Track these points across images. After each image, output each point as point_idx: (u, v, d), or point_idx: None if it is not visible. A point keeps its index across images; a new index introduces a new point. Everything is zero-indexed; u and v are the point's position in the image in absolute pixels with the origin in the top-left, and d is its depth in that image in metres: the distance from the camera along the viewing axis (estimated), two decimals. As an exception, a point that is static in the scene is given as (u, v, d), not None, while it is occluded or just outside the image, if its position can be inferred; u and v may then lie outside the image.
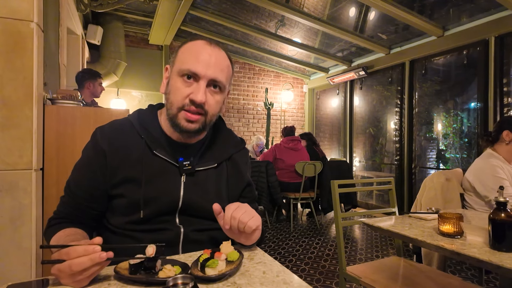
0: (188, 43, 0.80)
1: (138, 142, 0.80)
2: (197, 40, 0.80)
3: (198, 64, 0.75)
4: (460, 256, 0.93)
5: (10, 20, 1.40)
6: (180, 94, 0.76)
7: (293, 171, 3.81)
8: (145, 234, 0.77)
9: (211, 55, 0.77)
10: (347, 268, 1.52)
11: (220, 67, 0.78)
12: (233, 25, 4.45)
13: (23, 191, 1.42)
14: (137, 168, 0.78)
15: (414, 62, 4.19)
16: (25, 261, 1.42)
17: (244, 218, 0.71)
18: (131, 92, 5.07)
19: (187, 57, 0.77)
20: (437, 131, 4.18)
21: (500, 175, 1.78)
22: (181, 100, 0.76)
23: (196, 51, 0.77)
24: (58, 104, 1.73)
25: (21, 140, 1.42)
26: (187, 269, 0.65)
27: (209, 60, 0.76)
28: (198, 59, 0.75)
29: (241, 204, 0.74)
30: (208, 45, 0.78)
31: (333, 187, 1.59)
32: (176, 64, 0.78)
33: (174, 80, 0.78)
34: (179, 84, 0.76)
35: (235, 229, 0.72)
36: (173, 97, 0.77)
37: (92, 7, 3.48)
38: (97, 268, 0.59)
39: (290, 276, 0.65)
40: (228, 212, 0.72)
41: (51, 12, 2.09)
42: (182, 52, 0.79)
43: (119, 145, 0.79)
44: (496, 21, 3.22)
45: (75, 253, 0.57)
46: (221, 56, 0.79)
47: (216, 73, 0.76)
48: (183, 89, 0.76)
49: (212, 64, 0.76)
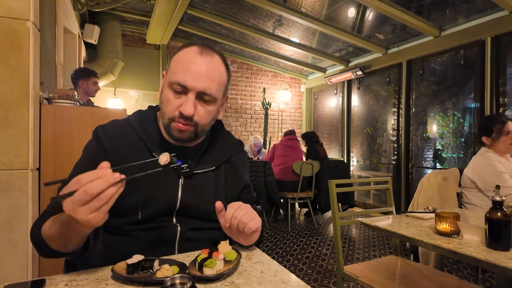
0: (181, 51, 0.78)
1: (138, 143, 0.81)
2: (190, 47, 0.78)
3: (187, 76, 0.74)
4: (457, 255, 0.93)
5: (6, 19, 1.39)
6: (171, 106, 0.76)
7: (290, 169, 3.82)
8: (142, 232, 0.77)
9: (201, 65, 0.75)
10: (345, 268, 1.52)
11: (211, 77, 0.76)
12: (230, 24, 4.45)
13: (19, 191, 1.41)
14: (136, 170, 0.77)
15: (411, 62, 4.21)
16: (21, 261, 1.41)
17: (245, 218, 0.71)
18: (128, 91, 5.05)
19: (177, 68, 0.76)
20: (434, 131, 4.20)
21: (499, 168, 1.83)
22: (171, 112, 0.76)
23: (187, 61, 0.75)
24: (55, 103, 1.72)
25: (17, 140, 1.41)
26: (184, 269, 0.65)
27: (199, 71, 0.74)
28: (188, 71, 0.74)
29: (243, 204, 0.75)
30: (199, 55, 0.76)
31: (331, 186, 1.59)
32: (168, 73, 0.78)
33: (166, 90, 0.77)
34: (170, 96, 0.76)
35: (234, 228, 0.72)
36: (164, 108, 0.78)
37: (89, 6, 3.46)
38: (113, 190, 0.55)
39: (288, 276, 0.65)
40: (230, 210, 0.72)
41: (47, 11, 2.08)
42: (174, 61, 0.78)
43: (119, 144, 0.80)
44: (493, 21, 3.24)
45: (86, 179, 0.53)
46: (213, 65, 0.77)
47: (205, 85, 0.75)
48: (173, 101, 0.76)
49: (203, 75, 0.74)
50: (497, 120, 1.97)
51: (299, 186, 3.75)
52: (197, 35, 5.08)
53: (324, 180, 3.90)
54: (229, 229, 0.74)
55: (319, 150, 4.18)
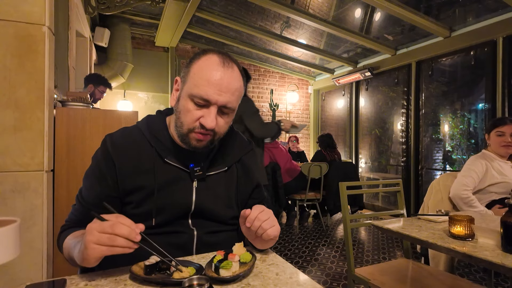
0: (201, 59, 0.76)
1: (149, 150, 0.81)
2: (209, 56, 0.76)
3: (209, 90, 0.73)
4: (472, 258, 0.92)
5: (22, 24, 1.42)
6: (191, 117, 0.75)
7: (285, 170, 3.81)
8: (159, 236, 0.77)
9: (223, 79, 0.74)
10: (356, 270, 1.52)
11: (232, 91, 0.75)
12: (238, 26, 4.46)
13: (35, 192, 1.44)
14: (149, 177, 0.78)
15: (421, 63, 4.17)
16: (36, 261, 1.44)
17: (265, 225, 0.72)
18: (137, 93, 5.10)
19: (199, 81, 0.74)
20: (444, 132, 4.15)
21: (474, 168, 1.90)
22: (192, 123, 0.75)
23: (209, 74, 0.74)
24: (68, 106, 1.75)
25: (33, 142, 1.44)
26: (201, 271, 0.66)
27: (221, 84, 0.74)
28: (210, 84, 0.73)
29: (266, 209, 0.75)
30: (221, 67, 0.75)
31: (342, 189, 1.59)
32: (187, 83, 0.76)
33: (185, 100, 0.76)
34: (190, 107, 0.75)
35: (253, 231, 0.73)
36: (183, 118, 0.77)
37: (99, 10, 3.52)
38: (125, 243, 0.60)
39: (303, 278, 0.66)
40: (255, 212, 0.73)
41: (61, 16, 2.12)
42: (194, 72, 0.75)
43: (129, 153, 0.79)
44: (504, 21, 3.19)
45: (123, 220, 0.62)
46: (233, 78, 0.76)
47: (227, 98, 0.75)
48: (194, 112, 0.75)
49: (224, 89, 0.74)
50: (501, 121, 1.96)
51: (307, 188, 3.74)
52: (206, 37, 5.12)
53: (333, 181, 3.88)
54: (248, 230, 0.74)
55: (326, 154, 4.13)
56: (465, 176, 1.89)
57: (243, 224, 0.75)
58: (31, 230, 1.43)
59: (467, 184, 1.86)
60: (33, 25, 1.44)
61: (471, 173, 1.89)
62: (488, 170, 1.90)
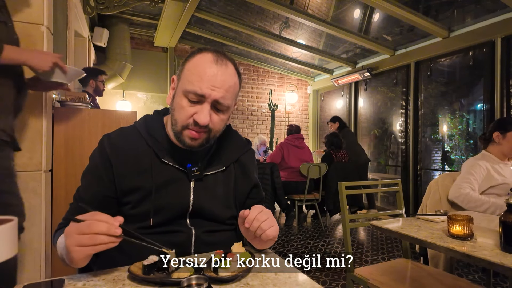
0: (195, 57, 0.77)
1: (146, 150, 0.80)
2: (204, 54, 0.77)
3: (203, 85, 0.73)
4: (471, 258, 0.92)
5: (21, 23, 1.42)
6: (184, 114, 0.75)
7: (297, 170, 3.80)
8: (157, 236, 0.77)
9: (216, 75, 0.74)
10: (355, 270, 1.51)
11: (226, 87, 0.75)
12: (237, 27, 4.47)
13: (33, 192, 1.44)
14: (146, 177, 0.78)
15: (419, 63, 4.18)
16: (34, 262, 1.44)
17: (264, 225, 0.71)
18: (136, 94, 5.10)
19: (192, 77, 0.74)
20: (443, 132, 4.16)
21: (474, 170, 1.83)
22: (185, 120, 0.75)
23: (202, 70, 0.74)
24: (67, 106, 1.74)
25: (31, 142, 1.43)
26: (200, 270, 0.65)
27: (215, 80, 0.74)
28: (203, 80, 0.73)
29: (265, 209, 0.75)
30: (214, 63, 0.75)
31: (341, 189, 1.59)
32: (181, 80, 0.77)
33: (180, 97, 0.76)
34: (184, 103, 0.75)
35: (252, 231, 0.72)
36: (177, 115, 0.77)
37: (98, 10, 3.52)
38: (106, 239, 0.60)
39: (302, 278, 0.66)
40: (254, 212, 0.72)
41: (60, 15, 2.11)
42: (188, 69, 0.76)
43: (126, 153, 0.79)
44: (503, 22, 3.20)
45: (98, 216, 0.61)
46: (227, 74, 0.76)
47: (220, 94, 0.74)
48: (188, 109, 0.75)
49: (218, 85, 0.74)
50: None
51: (306, 188, 3.74)
52: (205, 38, 5.12)
53: (332, 182, 3.88)
54: (247, 231, 0.74)
55: (334, 156, 4.07)
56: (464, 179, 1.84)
57: (242, 224, 0.75)
58: (29, 230, 1.42)
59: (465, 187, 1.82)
60: (31, 25, 1.44)
61: (470, 177, 1.83)
62: (489, 172, 1.87)
